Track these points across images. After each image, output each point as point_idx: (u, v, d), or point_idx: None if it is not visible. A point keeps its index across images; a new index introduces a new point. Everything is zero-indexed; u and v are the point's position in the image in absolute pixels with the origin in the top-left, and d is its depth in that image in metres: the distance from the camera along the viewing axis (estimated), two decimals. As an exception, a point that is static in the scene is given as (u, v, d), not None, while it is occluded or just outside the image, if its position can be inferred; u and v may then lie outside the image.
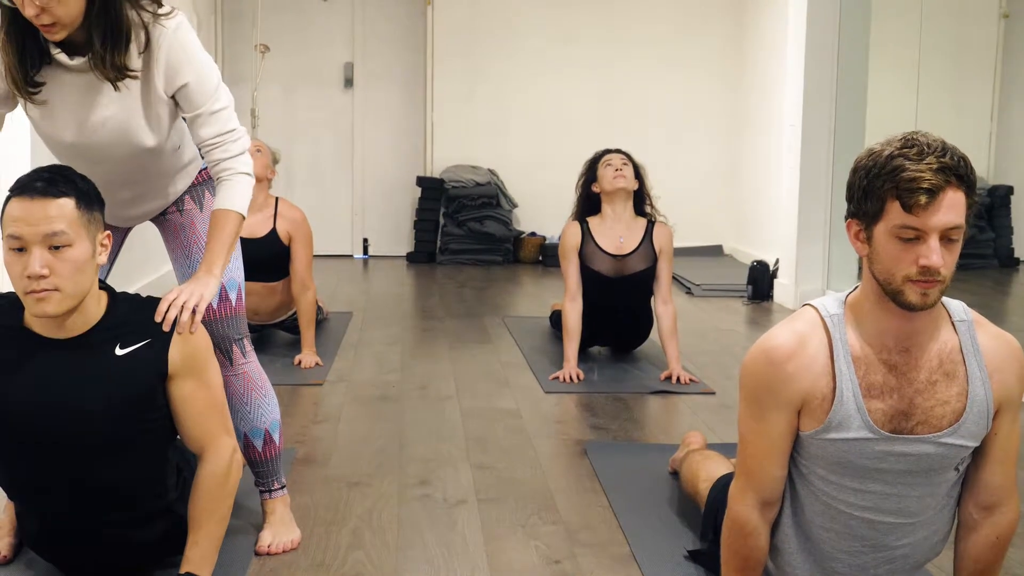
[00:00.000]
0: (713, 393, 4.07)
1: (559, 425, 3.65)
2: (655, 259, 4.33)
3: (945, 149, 1.73)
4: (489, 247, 7.83)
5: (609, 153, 4.39)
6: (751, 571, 1.99)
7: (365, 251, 8.42)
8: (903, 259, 1.75)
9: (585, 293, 4.33)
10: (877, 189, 1.75)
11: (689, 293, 6.53)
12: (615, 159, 4.33)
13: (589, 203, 4.42)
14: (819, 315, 1.89)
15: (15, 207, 2.01)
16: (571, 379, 4.17)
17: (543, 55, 8.19)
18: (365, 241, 8.42)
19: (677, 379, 4.17)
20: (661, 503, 2.85)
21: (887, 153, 1.75)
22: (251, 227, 4.44)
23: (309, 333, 4.46)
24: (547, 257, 7.74)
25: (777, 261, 6.27)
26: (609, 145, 4.54)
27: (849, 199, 1.84)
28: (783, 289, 6.11)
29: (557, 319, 4.87)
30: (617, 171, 4.29)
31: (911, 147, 1.74)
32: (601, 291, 4.35)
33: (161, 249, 2.59)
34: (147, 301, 2.20)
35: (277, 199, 4.53)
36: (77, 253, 2.02)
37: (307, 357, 4.40)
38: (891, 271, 1.76)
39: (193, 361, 2.16)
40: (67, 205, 2.02)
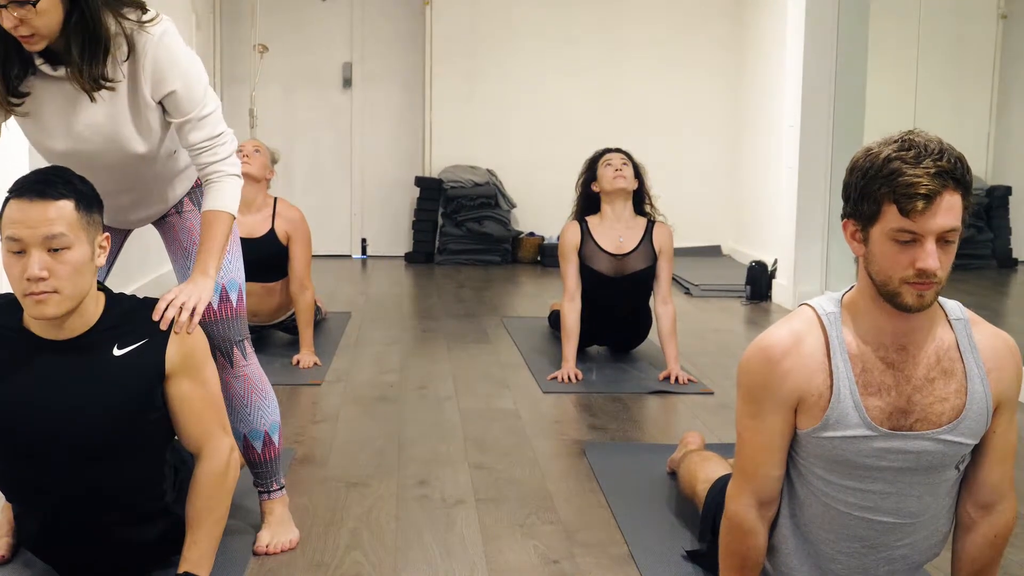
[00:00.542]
0: (711, 393, 4.07)
1: (558, 425, 3.65)
2: (655, 259, 4.33)
3: (942, 151, 1.73)
4: (488, 247, 7.83)
5: (609, 152, 4.38)
6: (749, 571, 1.99)
7: (364, 251, 8.42)
8: (899, 261, 1.75)
9: (584, 293, 4.33)
10: (874, 192, 1.75)
11: (688, 293, 6.53)
12: (615, 159, 4.33)
13: (588, 202, 4.41)
14: (815, 314, 1.90)
15: (14, 209, 2.00)
16: (570, 379, 4.17)
17: (542, 55, 8.19)
18: (364, 241, 8.42)
19: (676, 379, 4.17)
20: (659, 503, 2.85)
21: (884, 155, 1.75)
22: (249, 227, 4.44)
23: (308, 333, 4.46)
24: (546, 257, 7.74)
25: (775, 261, 6.28)
26: (608, 145, 4.54)
27: (846, 199, 1.84)
28: (781, 289, 6.11)
29: (556, 319, 4.87)
30: (617, 171, 4.29)
31: (908, 149, 1.74)
32: (600, 291, 4.35)
33: (160, 249, 2.59)
34: (144, 302, 2.20)
35: (276, 199, 4.53)
36: (76, 255, 2.02)
37: (306, 357, 4.40)
38: (888, 273, 1.77)
39: (191, 360, 2.16)
40: (66, 207, 2.02)
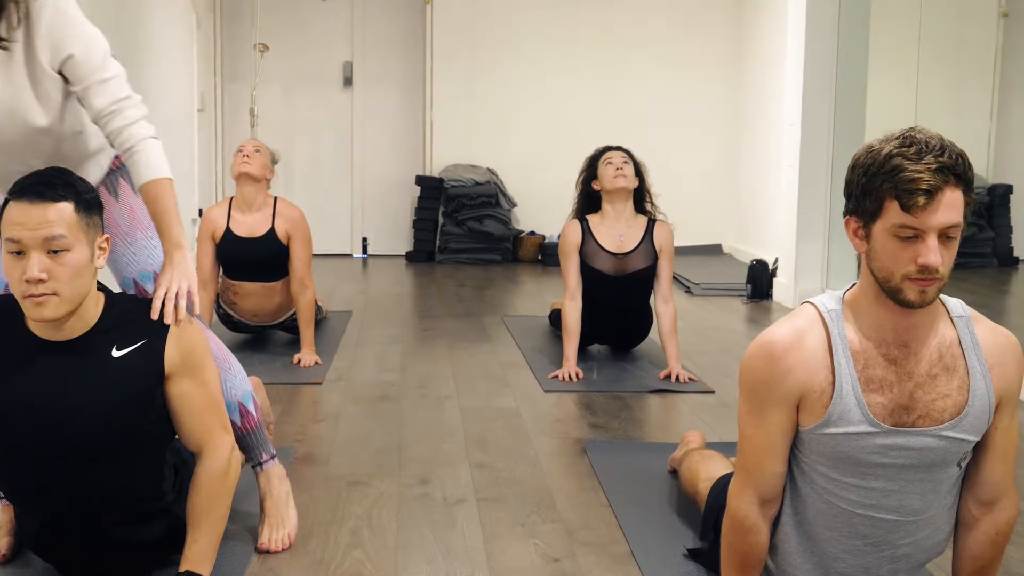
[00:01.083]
0: (712, 392, 4.07)
1: (558, 424, 3.65)
2: (655, 257, 4.33)
3: (943, 147, 1.73)
4: (488, 246, 7.83)
5: (610, 151, 4.37)
6: (751, 568, 1.98)
7: (364, 250, 8.42)
8: (901, 258, 1.75)
9: (585, 291, 4.33)
10: (876, 188, 1.76)
11: (688, 292, 6.53)
12: (616, 157, 4.32)
13: (589, 201, 4.41)
14: (817, 311, 1.90)
15: (14, 210, 2.00)
16: (570, 378, 4.17)
17: (542, 55, 8.19)
18: (364, 240, 8.42)
19: (676, 378, 4.16)
20: (660, 502, 2.84)
21: (886, 151, 1.75)
22: (250, 227, 4.44)
23: (308, 332, 4.46)
24: (546, 256, 7.74)
25: (776, 260, 6.27)
26: (609, 143, 4.53)
27: (848, 196, 1.84)
28: (782, 288, 6.11)
29: (557, 318, 4.86)
30: (618, 170, 4.28)
31: (909, 145, 1.74)
32: (601, 289, 4.34)
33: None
34: (143, 301, 2.20)
35: (276, 198, 4.53)
36: (76, 257, 2.01)
37: (306, 356, 4.40)
38: (890, 269, 1.77)
39: (191, 360, 2.16)
40: (66, 209, 2.01)
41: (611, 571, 2.44)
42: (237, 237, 4.44)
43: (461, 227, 7.79)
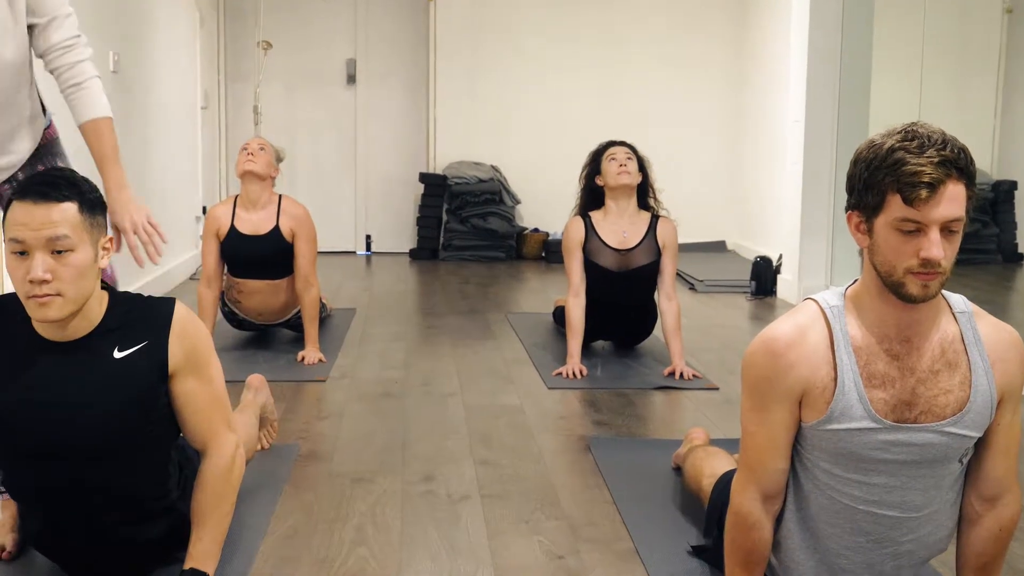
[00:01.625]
0: (716, 389, 4.07)
1: (562, 421, 3.65)
2: (659, 254, 4.32)
3: (945, 141, 1.74)
4: (492, 243, 7.83)
5: (613, 146, 4.35)
6: (754, 565, 1.99)
7: (368, 248, 8.42)
8: (904, 251, 1.75)
9: (589, 288, 4.32)
10: (878, 182, 1.76)
11: (692, 289, 6.53)
12: (619, 153, 4.30)
13: (592, 196, 4.40)
14: (819, 307, 1.90)
15: (18, 210, 1.99)
16: (574, 375, 4.17)
17: (545, 53, 8.19)
18: (368, 238, 8.42)
19: (680, 375, 4.16)
20: (664, 499, 2.85)
21: (888, 145, 1.76)
22: (254, 224, 4.45)
23: (312, 329, 4.47)
24: (550, 253, 7.74)
25: (780, 257, 6.27)
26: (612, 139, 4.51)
27: (850, 191, 1.84)
28: (786, 285, 6.11)
29: (560, 315, 4.86)
30: (621, 166, 4.26)
31: (911, 139, 1.74)
32: (605, 286, 4.34)
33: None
34: (147, 300, 2.18)
35: (280, 196, 4.53)
36: (79, 258, 2.01)
37: (310, 354, 4.40)
38: (892, 263, 1.77)
39: (195, 358, 2.15)
40: (70, 209, 2.00)
41: (615, 568, 2.44)
42: (242, 235, 4.44)
43: (465, 224, 7.79)
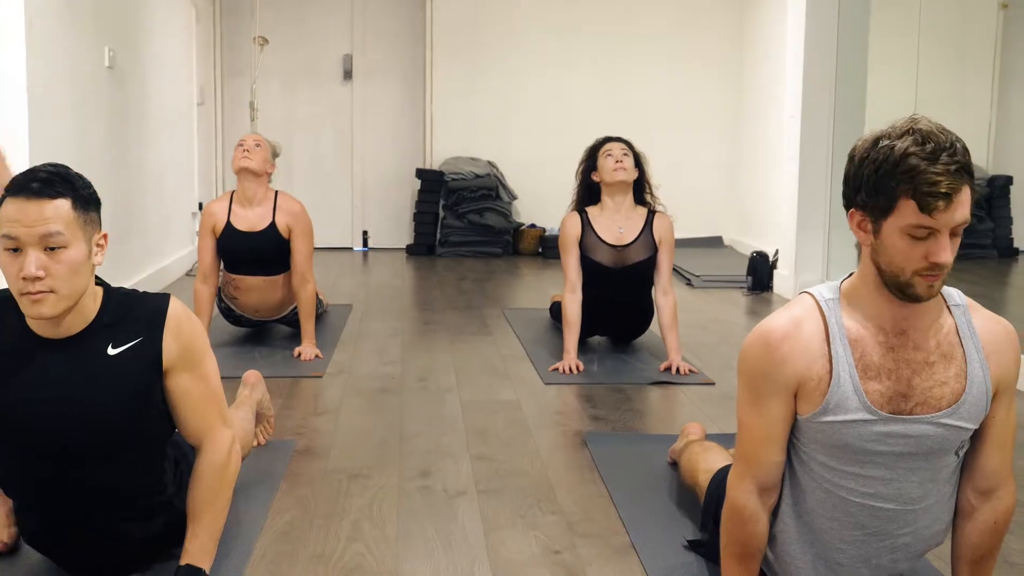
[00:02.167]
0: (713, 384, 4.08)
1: (559, 416, 3.66)
2: (655, 249, 4.32)
3: (953, 144, 1.73)
4: (489, 239, 7.83)
5: (610, 142, 4.35)
6: (750, 558, 1.99)
7: (365, 243, 8.42)
8: (913, 255, 1.75)
9: (585, 284, 4.32)
10: (891, 187, 1.74)
11: (689, 284, 6.53)
12: (615, 149, 4.31)
13: (589, 192, 4.40)
14: (814, 300, 1.90)
15: (11, 207, 1.98)
16: (571, 370, 4.17)
17: (543, 48, 8.19)
18: (365, 234, 8.42)
19: (677, 370, 4.17)
20: (661, 493, 2.85)
21: (899, 149, 1.73)
22: (251, 221, 4.44)
23: (309, 325, 4.47)
24: (547, 249, 7.74)
25: (777, 252, 6.27)
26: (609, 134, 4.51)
27: (854, 189, 1.82)
28: (783, 280, 6.11)
29: (557, 310, 4.86)
30: (617, 162, 4.27)
31: (923, 143, 1.72)
32: (601, 282, 4.34)
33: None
34: (141, 297, 2.17)
35: (277, 192, 4.53)
36: (73, 254, 2.00)
37: (307, 349, 4.40)
38: (901, 265, 1.77)
39: (190, 354, 2.15)
40: (63, 206, 1.99)
41: (611, 562, 2.45)
42: (238, 231, 4.44)
43: (461, 220, 7.79)
